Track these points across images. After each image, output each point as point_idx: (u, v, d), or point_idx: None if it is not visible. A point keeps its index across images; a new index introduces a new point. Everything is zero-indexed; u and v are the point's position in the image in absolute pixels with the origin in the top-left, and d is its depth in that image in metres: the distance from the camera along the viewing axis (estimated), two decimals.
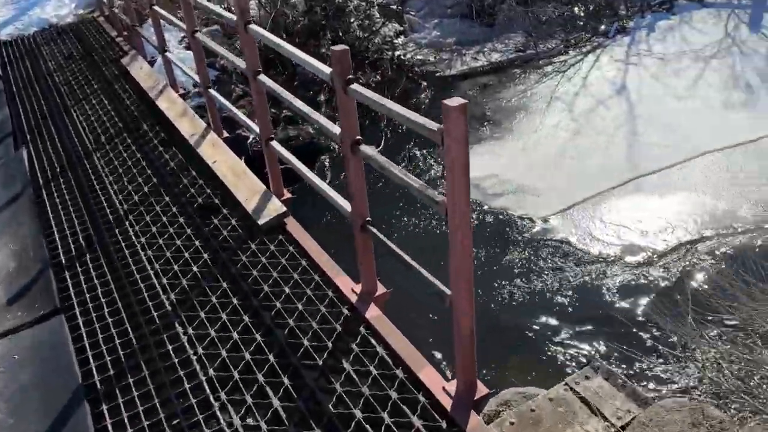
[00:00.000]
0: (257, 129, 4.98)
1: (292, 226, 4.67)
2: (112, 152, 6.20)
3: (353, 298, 3.84)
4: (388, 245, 3.31)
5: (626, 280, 7.72)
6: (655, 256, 8.03)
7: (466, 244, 2.66)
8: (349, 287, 3.93)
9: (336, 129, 3.52)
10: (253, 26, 4.37)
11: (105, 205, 5.35)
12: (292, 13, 14.09)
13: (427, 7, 17.09)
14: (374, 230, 3.53)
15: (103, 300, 4.24)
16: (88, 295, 4.29)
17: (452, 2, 16.53)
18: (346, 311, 3.79)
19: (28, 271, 4.62)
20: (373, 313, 3.67)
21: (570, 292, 7.69)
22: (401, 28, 16.67)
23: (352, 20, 15.41)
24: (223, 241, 4.63)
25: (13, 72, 8.63)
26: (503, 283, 7.94)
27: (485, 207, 9.50)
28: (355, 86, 3.17)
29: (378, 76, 13.44)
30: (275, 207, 4.79)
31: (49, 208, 5.36)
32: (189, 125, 6.26)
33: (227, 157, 5.59)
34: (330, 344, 3.56)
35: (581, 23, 14.68)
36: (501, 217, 9.25)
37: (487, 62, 14.30)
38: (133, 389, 3.45)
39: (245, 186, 5.13)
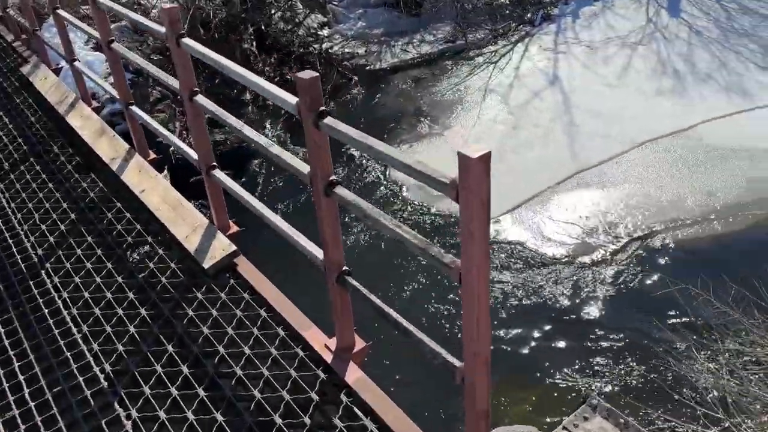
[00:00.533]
0: (195, 156, 4.32)
1: (245, 267, 4.06)
2: (18, 182, 5.31)
3: (328, 357, 3.31)
4: (374, 303, 2.81)
5: (583, 283, 7.56)
6: (608, 254, 7.92)
7: (483, 318, 2.20)
8: (321, 342, 3.40)
9: (304, 167, 2.96)
10: (187, 40, 3.70)
11: (14, 250, 4.52)
12: (209, 6, 13.13)
13: None
14: (354, 282, 3.02)
15: (23, 382, 3.50)
16: None
17: None
18: (321, 374, 3.26)
19: None
20: (354, 375, 3.16)
21: (528, 299, 7.45)
22: (325, 20, 15.99)
23: (273, 12, 14.61)
24: (162, 290, 3.97)
25: None
26: (457, 294, 7.59)
27: (432, 209, 9.14)
28: (328, 120, 2.63)
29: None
30: (222, 245, 4.16)
31: None
32: (108, 146, 5.46)
33: (157, 184, 4.88)
34: (307, 420, 3.02)
35: (507, 12, 14.53)
36: (449, 219, 8.91)
37: (417, 54, 13.90)
38: None
39: (183, 220, 4.46)
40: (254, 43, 13.20)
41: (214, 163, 4.25)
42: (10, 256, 4.46)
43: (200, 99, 3.93)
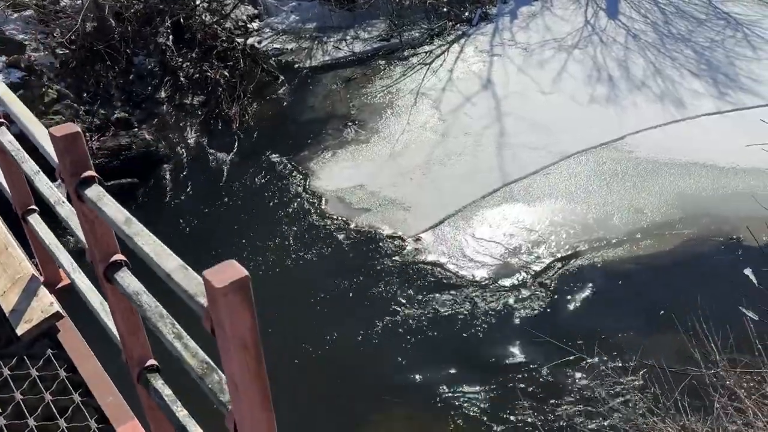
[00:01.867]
0: (10, 195, 3.58)
1: (67, 334, 3.37)
2: None
3: None
4: (175, 416, 2.18)
5: (501, 309, 7.11)
6: (529, 276, 7.49)
7: None
8: None
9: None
10: None
11: None
12: None
13: None
14: (158, 384, 2.37)
15: None
16: None
17: None
18: None
19: None
20: None
21: (444, 327, 6.95)
22: (255, 12, 15.15)
23: (198, 2, 13.67)
24: None
25: None
26: (372, 321, 7.04)
27: (351, 225, 8.54)
28: (93, 191, 1.99)
29: (227, 72, 11.94)
30: (43, 305, 3.46)
31: None
32: None
33: None
34: None
35: (445, 10, 13.99)
36: (369, 235, 8.34)
37: (350, 52, 13.23)
38: None
39: (5, 270, 3.72)
40: (170, 37, 12.29)
41: (33, 207, 3.52)
42: None
43: (2, 132, 3.20)
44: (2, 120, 3.29)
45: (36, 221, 3.44)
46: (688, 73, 11.46)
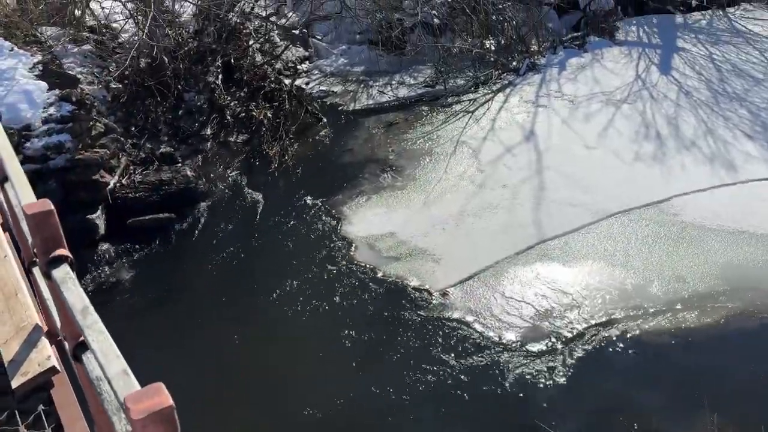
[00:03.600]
0: (21, 247, 3.60)
1: (60, 391, 3.33)
2: None
3: None
4: None
5: (528, 375, 6.79)
6: (559, 343, 7.16)
7: None
8: None
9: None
10: None
11: None
12: (178, 34, 12.58)
13: (335, 32, 15.94)
14: None
15: None
16: None
17: (361, 28, 15.47)
18: None
19: None
20: None
21: (466, 390, 6.67)
22: (306, 54, 15.46)
23: (251, 43, 14.06)
24: None
25: None
26: (393, 375, 6.84)
27: (379, 274, 8.40)
28: (61, 272, 1.93)
29: (270, 112, 12.14)
30: (40, 358, 3.44)
31: None
32: None
33: (1, 266, 4.16)
34: None
35: (492, 58, 13.95)
36: (396, 287, 8.18)
37: (393, 97, 13.29)
38: None
39: (11, 317, 3.74)
40: (220, 76, 12.61)
41: (35, 260, 3.52)
42: None
43: (8, 186, 3.22)
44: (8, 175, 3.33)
45: (39, 273, 3.44)
46: (741, 135, 11.00)
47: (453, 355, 7.09)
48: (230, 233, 9.50)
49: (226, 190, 10.57)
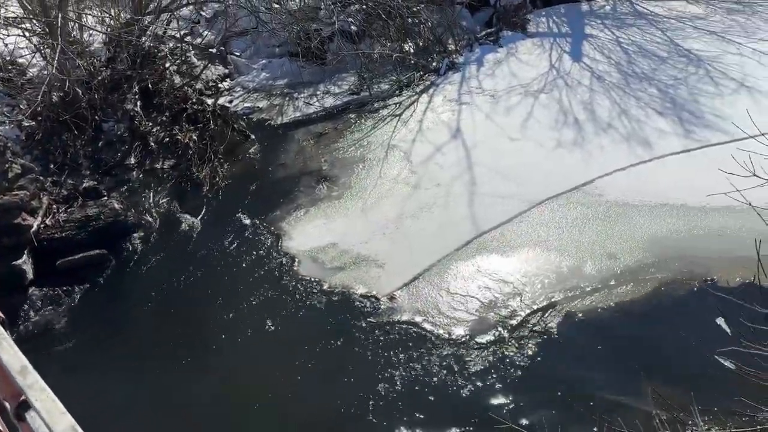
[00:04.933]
0: None
1: None
2: None
3: None
4: None
5: (482, 368, 6.97)
6: (505, 331, 7.38)
7: None
8: None
9: None
10: None
11: None
12: (89, 64, 12.17)
13: (253, 47, 15.80)
14: None
15: None
16: None
17: (279, 41, 15.41)
18: None
19: None
20: None
21: (423, 389, 6.79)
22: (226, 71, 15.25)
23: (167, 65, 13.77)
24: None
25: None
26: (349, 387, 6.87)
27: (325, 286, 8.41)
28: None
29: (195, 135, 11.93)
30: None
31: None
32: None
33: None
34: None
35: (412, 61, 14.19)
36: (343, 296, 8.21)
37: (320, 108, 13.29)
38: None
39: None
40: (139, 103, 12.29)
41: None
42: None
43: None
44: None
45: None
46: (653, 112, 11.62)
47: (406, 356, 7.19)
48: (167, 263, 9.28)
49: (159, 219, 10.32)
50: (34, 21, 11.58)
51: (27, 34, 11.51)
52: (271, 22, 14.16)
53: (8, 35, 11.63)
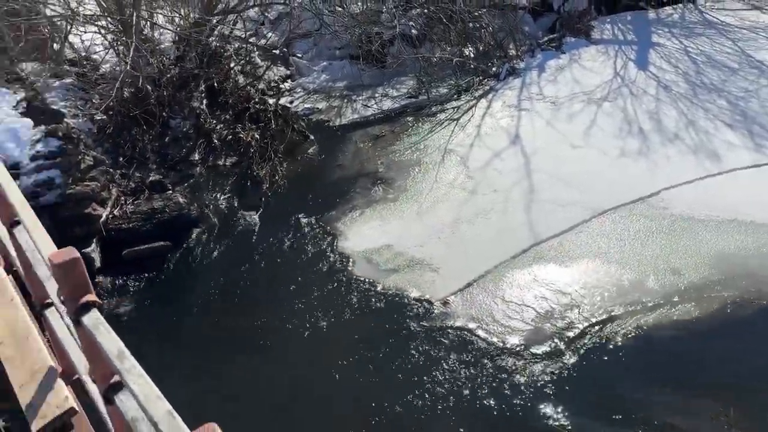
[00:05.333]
0: (31, 291, 3.62)
1: (81, 431, 3.34)
2: None
3: None
4: None
5: (536, 379, 6.85)
6: (562, 343, 7.23)
7: None
8: None
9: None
10: None
11: None
12: (159, 62, 12.60)
13: (315, 49, 16.07)
14: None
15: None
16: None
17: (340, 44, 15.60)
18: None
19: None
20: None
21: (476, 396, 6.73)
22: (288, 72, 15.55)
23: (232, 65, 14.12)
24: None
25: None
26: (399, 388, 6.87)
27: (378, 287, 8.44)
28: (91, 318, 1.97)
29: (257, 133, 12.19)
30: (58, 400, 3.45)
31: None
32: None
33: (9, 309, 4.16)
34: None
35: (472, 66, 14.11)
36: (397, 299, 8.22)
37: (378, 110, 13.40)
38: None
39: (24, 361, 3.74)
40: (205, 101, 12.64)
41: (50, 301, 3.54)
42: None
43: (18, 230, 3.25)
44: (19, 219, 3.35)
45: (53, 316, 3.46)
46: (722, 125, 11.21)
47: (459, 362, 7.14)
48: (227, 257, 9.50)
49: (219, 214, 10.58)
50: (110, 19, 12.07)
51: (102, 31, 11.98)
52: (334, 24, 14.33)
53: (85, 32, 12.16)
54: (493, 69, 14.11)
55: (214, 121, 12.69)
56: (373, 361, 7.28)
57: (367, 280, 8.63)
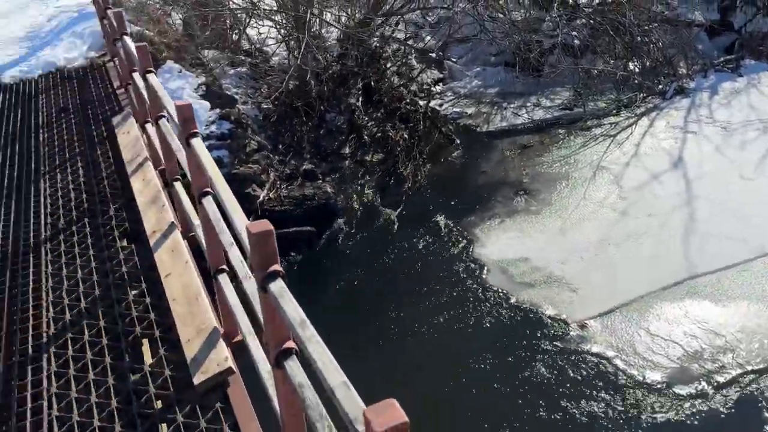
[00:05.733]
0: (208, 256, 3.97)
1: (236, 392, 3.61)
2: (64, 244, 5.31)
3: None
4: None
5: (676, 419, 6.37)
6: (711, 387, 6.65)
7: None
8: None
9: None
10: (196, 142, 3.38)
11: (30, 322, 4.42)
12: (324, 58, 13.27)
13: (470, 54, 16.07)
14: None
15: None
16: None
17: (497, 50, 15.46)
18: None
19: None
20: None
21: (608, 429, 6.38)
22: (441, 76, 15.70)
23: (388, 65, 14.52)
24: (145, 403, 3.61)
25: (1, 124, 7.97)
26: (527, 406, 6.69)
27: (512, 300, 8.28)
28: (277, 285, 2.13)
29: (406, 133, 12.43)
30: (219, 360, 3.75)
31: None
32: (155, 217, 5.33)
33: (183, 272, 4.60)
34: None
35: (636, 81, 13.37)
36: (530, 315, 8.01)
37: (529, 119, 13.13)
38: None
39: (193, 320, 4.12)
40: (360, 99, 13.11)
41: (223, 267, 3.86)
42: (24, 330, 4.36)
43: (207, 201, 3.57)
44: (209, 190, 3.67)
45: (224, 280, 3.77)
46: None
47: (592, 390, 6.81)
48: (366, 248, 9.80)
49: (362, 207, 10.93)
50: (284, 14, 12.89)
51: (277, 26, 12.82)
52: (494, 30, 14.23)
53: (263, 25, 13.09)
54: (660, 86, 13.27)
55: (366, 118, 13.12)
56: (500, 371, 7.15)
57: (500, 290, 8.49)
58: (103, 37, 10.40)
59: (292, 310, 2.00)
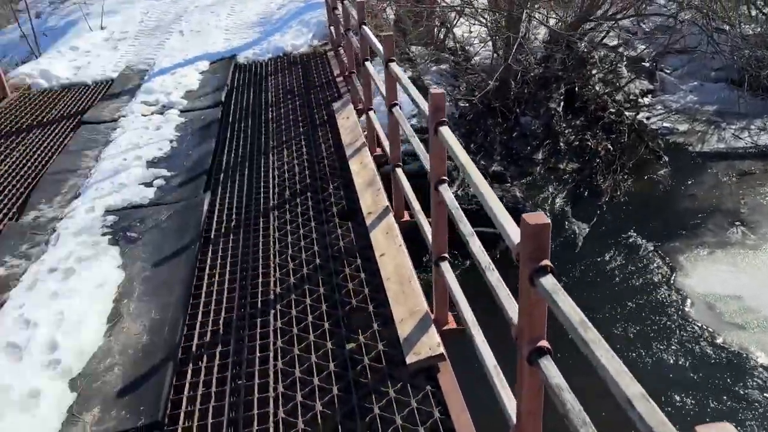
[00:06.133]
0: (430, 243, 4.05)
1: (446, 378, 3.65)
2: (289, 214, 5.76)
3: None
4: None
5: None
6: None
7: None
8: None
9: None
10: (444, 130, 3.45)
11: (260, 280, 4.86)
12: (527, 60, 13.02)
13: (687, 67, 14.78)
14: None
15: None
16: None
17: (719, 65, 14.05)
18: None
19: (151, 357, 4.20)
20: None
21: None
22: (651, 87, 14.64)
23: (594, 72, 13.86)
24: (359, 372, 3.79)
25: (235, 101, 8.86)
26: None
27: (717, 339, 7.49)
28: (549, 281, 2.09)
29: (609, 144, 11.77)
30: (431, 343, 3.82)
31: (205, 280, 4.99)
32: (371, 200, 5.59)
33: (397, 252, 4.76)
34: None
35: None
36: (737, 359, 7.19)
37: (752, 144, 11.77)
38: None
39: (405, 301, 4.24)
40: (562, 104, 12.67)
41: (445, 255, 3.91)
42: (255, 285, 4.79)
43: (443, 188, 3.63)
44: (446, 178, 3.73)
45: (446, 267, 3.82)
46: None
47: None
48: (552, 261, 9.45)
49: (550, 216, 10.55)
50: (493, 13, 12.85)
51: (487, 24, 12.82)
52: (723, 43, 12.95)
53: (474, 23, 13.17)
54: None
55: (564, 125, 12.65)
56: (699, 417, 6.50)
57: (704, 327, 7.72)
58: (328, 26, 11.14)
59: (569, 308, 1.94)
